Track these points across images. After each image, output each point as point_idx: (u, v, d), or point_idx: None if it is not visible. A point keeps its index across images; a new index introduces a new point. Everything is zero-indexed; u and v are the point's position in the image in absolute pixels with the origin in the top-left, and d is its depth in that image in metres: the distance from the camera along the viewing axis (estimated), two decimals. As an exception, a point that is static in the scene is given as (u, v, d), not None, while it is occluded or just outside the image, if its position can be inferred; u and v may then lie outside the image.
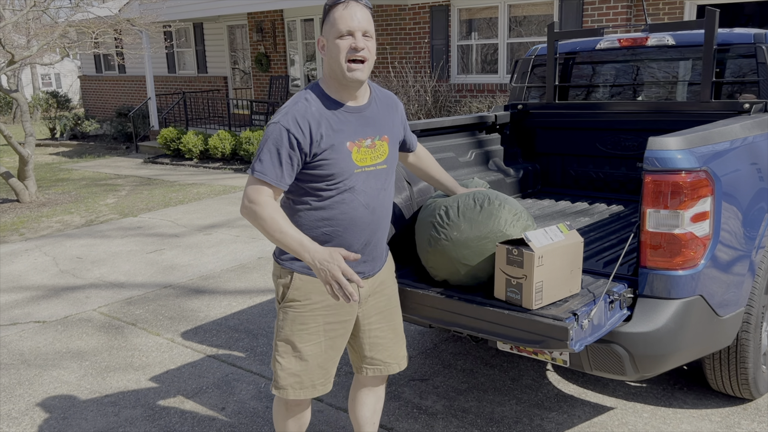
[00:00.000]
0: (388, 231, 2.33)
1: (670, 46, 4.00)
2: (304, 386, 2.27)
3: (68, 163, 13.30)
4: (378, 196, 2.21)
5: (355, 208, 2.16)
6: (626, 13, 9.26)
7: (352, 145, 2.13)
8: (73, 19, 11.48)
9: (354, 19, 2.04)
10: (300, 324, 2.23)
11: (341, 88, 2.14)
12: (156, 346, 4.18)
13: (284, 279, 2.24)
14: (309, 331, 2.23)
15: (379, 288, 2.36)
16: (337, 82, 2.13)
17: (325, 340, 2.26)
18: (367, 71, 2.10)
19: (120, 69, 18.31)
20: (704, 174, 2.48)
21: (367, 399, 2.53)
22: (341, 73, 2.08)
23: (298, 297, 2.22)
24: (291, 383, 2.26)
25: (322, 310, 2.23)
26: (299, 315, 2.22)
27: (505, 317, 2.33)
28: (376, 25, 12.06)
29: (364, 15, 2.07)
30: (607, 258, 2.93)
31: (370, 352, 2.40)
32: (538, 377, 3.54)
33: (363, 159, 2.16)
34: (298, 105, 2.10)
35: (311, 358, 2.25)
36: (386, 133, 2.25)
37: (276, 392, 2.29)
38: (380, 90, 2.31)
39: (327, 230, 2.16)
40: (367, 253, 2.25)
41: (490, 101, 10.07)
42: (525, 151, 4.60)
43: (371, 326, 2.37)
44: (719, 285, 2.62)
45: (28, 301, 5.15)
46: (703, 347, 2.69)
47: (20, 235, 7.42)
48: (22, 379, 3.81)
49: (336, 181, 2.12)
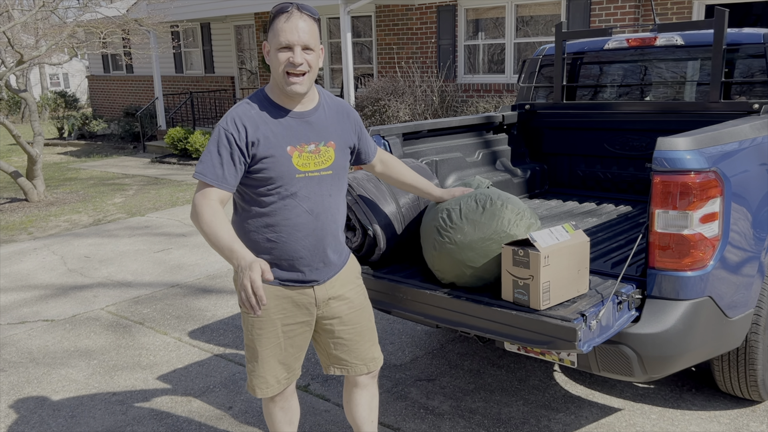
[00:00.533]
0: (340, 237, 2.31)
1: (679, 46, 3.98)
2: (270, 384, 2.33)
3: (76, 163, 13.36)
4: (323, 202, 2.20)
5: (298, 215, 2.16)
6: (634, 13, 9.22)
7: (292, 150, 2.14)
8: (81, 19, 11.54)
9: (294, 32, 2.04)
10: (258, 329, 2.26)
11: (283, 95, 2.16)
12: (163, 345, 4.20)
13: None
14: (267, 335, 2.27)
15: (339, 292, 2.33)
16: (280, 90, 2.15)
17: (285, 340, 2.29)
18: (308, 83, 2.12)
19: (128, 69, 18.38)
20: (713, 174, 2.46)
21: (360, 398, 2.52)
22: (282, 83, 2.11)
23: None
24: (257, 383, 2.33)
25: (279, 313, 2.25)
26: (257, 320, 2.25)
27: (513, 318, 2.33)
28: (384, 25, 12.07)
29: (305, 27, 2.06)
30: (615, 259, 2.92)
31: (335, 351, 2.41)
32: (545, 378, 3.53)
33: (305, 164, 2.16)
34: (238, 108, 2.14)
35: (271, 358, 2.29)
36: (333, 140, 2.23)
37: (249, 390, 2.37)
38: (332, 98, 2.32)
39: (271, 236, 2.18)
40: (317, 260, 2.23)
41: (497, 101, 10.05)
42: (532, 151, 4.59)
43: (333, 328, 2.37)
44: (728, 286, 2.61)
45: (37, 299, 5.18)
46: (711, 349, 2.67)
47: (29, 234, 7.46)
48: (31, 377, 3.83)
49: (276, 185, 2.13)
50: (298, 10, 2.07)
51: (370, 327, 2.45)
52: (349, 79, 10.95)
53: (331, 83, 13.47)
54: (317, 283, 2.28)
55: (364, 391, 2.51)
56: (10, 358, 4.11)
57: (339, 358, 2.42)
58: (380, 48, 12.28)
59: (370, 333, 2.44)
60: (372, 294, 2.79)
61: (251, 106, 2.15)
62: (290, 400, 2.45)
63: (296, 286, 2.25)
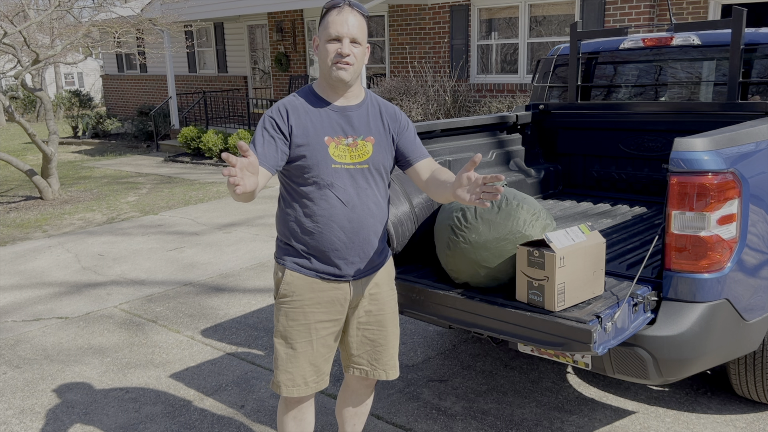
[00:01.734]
0: (377, 233, 2.28)
1: (696, 46, 3.94)
2: (296, 383, 2.30)
3: (90, 161, 13.46)
4: (359, 195, 2.22)
5: (334, 206, 2.20)
6: (649, 13, 9.16)
7: (329, 140, 2.20)
8: (96, 18, 11.62)
9: (344, 25, 2.13)
10: (291, 320, 2.28)
11: (329, 88, 2.23)
12: (176, 344, 4.21)
13: (278, 275, 2.31)
14: (299, 327, 2.28)
15: (372, 291, 2.35)
16: (326, 82, 2.23)
17: (316, 339, 2.29)
18: (353, 73, 2.19)
19: (141, 68, 18.50)
20: (731, 176, 2.44)
21: (350, 400, 2.56)
22: (328, 72, 2.18)
23: (288, 293, 2.27)
24: (284, 380, 2.31)
25: (312, 307, 2.27)
26: (291, 311, 2.28)
27: (528, 319, 2.31)
28: (397, 25, 12.06)
29: (355, 22, 2.14)
30: (631, 260, 2.90)
31: (358, 350, 2.41)
32: (558, 380, 3.51)
33: (341, 156, 2.20)
34: (286, 98, 2.26)
35: (302, 355, 2.29)
36: (372, 135, 2.27)
37: (272, 387, 2.35)
38: (382, 101, 2.36)
39: (309, 225, 2.22)
40: (353, 253, 2.24)
41: (510, 101, 10.01)
42: (546, 151, 4.56)
43: (361, 327, 2.38)
44: (746, 289, 2.58)
45: (51, 297, 5.22)
46: (728, 352, 2.64)
47: (43, 231, 7.53)
48: (45, 374, 3.86)
49: (313, 173, 2.18)
50: (350, 5, 2.16)
51: (396, 334, 2.45)
52: (361, 78, 10.96)
53: (343, 83, 13.47)
54: (353, 279, 2.28)
55: (355, 395, 2.55)
56: (25, 354, 4.14)
57: (360, 357, 2.42)
58: (393, 48, 12.27)
59: (394, 340, 2.44)
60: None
61: (296, 97, 2.25)
62: (306, 412, 2.43)
63: (332, 279, 2.26)
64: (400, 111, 2.37)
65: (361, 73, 2.25)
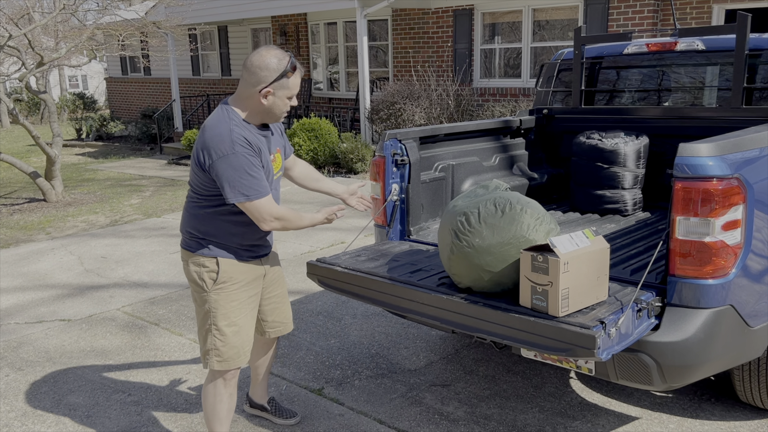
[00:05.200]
0: None
1: (700, 51, 3.94)
2: (240, 354, 2.71)
3: (94, 164, 13.49)
4: (276, 196, 2.72)
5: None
6: (652, 18, 9.16)
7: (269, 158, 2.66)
8: (100, 21, 11.65)
9: (299, 86, 2.60)
10: (233, 300, 2.66)
11: (259, 119, 2.60)
12: (178, 347, 4.21)
13: (210, 266, 2.64)
14: (239, 305, 2.68)
15: (272, 261, 2.87)
16: (260, 116, 2.59)
17: (249, 312, 2.73)
18: None
19: (145, 71, 18.54)
20: (736, 181, 2.43)
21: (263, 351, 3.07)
22: (276, 117, 2.61)
23: (226, 278, 2.63)
24: (232, 355, 2.68)
25: (245, 286, 2.69)
26: (231, 293, 2.65)
27: (531, 324, 2.30)
28: (400, 29, 12.08)
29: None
30: (635, 266, 2.89)
31: (271, 316, 2.92)
32: (561, 385, 3.50)
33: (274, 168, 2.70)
34: (234, 132, 2.48)
35: (244, 328, 2.70)
36: (278, 147, 2.77)
37: (219, 366, 2.67)
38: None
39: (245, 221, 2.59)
40: (270, 239, 2.79)
41: (513, 105, 10.01)
42: (550, 156, 4.56)
43: (270, 294, 2.88)
44: (750, 295, 2.57)
45: (54, 299, 5.22)
46: (732, 358, 2.63)
47: (47, 234, 7.54)
48: (47, 376, 3.86)
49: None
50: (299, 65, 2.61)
51: (286, 294, 3.02)
52: (364, 82, 10.96)
53: (346, 87, 13.50)
54: (266, 257, 2.79)
55: (270, 347, 3.08)
56: (28, 357, 4.14)
57: (275, 321, 2.94)
58: (396, 52, 12.28)
59: (287, 299, 3.02)
60: (386, 298, 2.79)
61: (240, 128, 2.52)
62: (235, 386, 2.81)
63: (254, 260, 2.73)
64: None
65: None
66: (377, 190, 3.42)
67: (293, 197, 8.80)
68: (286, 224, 2.56)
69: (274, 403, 3.26)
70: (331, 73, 13.84)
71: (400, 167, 3.41)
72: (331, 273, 3.00)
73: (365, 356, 3.95)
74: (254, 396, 3.28)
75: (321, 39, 13.75)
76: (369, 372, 3.74)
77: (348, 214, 7.71)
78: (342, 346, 4.12)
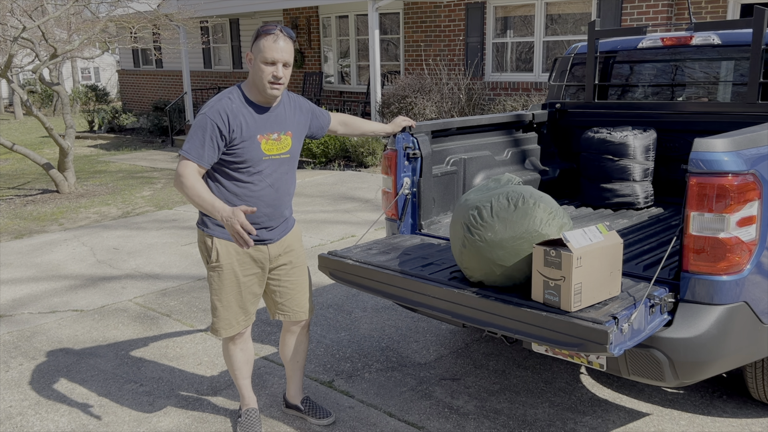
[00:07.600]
0: (289, 206, 2.89)
1: (715, 46, 3.90)
2: (231, 325, 2.87)
3: (106, 156, 13.56)
4: (282, 179, 2.78)
5: (263, 188, 2.72)
6: (667, 12, 9.07)
7: (261, 138, 2.68)
8: (113, 14, 11.69)
9: (279, 51, 2.56)
10: (225, 278, 2.80)
11: (260, 96, 2.66)
12: (190, 338, 4.24)
13: (207, 243, 2.78)
14: (230, 284, 2.80)
15: (286, 250, 2.91)
16: (257, 91, 2.65)
17: (243, 290, 2.84)
18: (283, 90, 2.68)
19: (157, 64, 18.60)
20: (752, 177, 2.41)
21: (287, 340, 3.10)
22: (262, 89, 2.62)
23: (218, 258, 2.77)
24: (222, 326, 2.87)
25: (240, 266, 2.80)
26: (223, 272, 2.79)
27: (543, 319, 2.30)
28: (412, 22, 12.04)
29: (287, 47, 2.59)
30: (648, 261, 2.87)
31: (280, 299, 2.98)
32: (571, 380, 3.49)
33: (270, 149, 2.71)
34: (222, 101, 2.62)
35: (233, 303, 2.84)
36: (291, 129, 2.79)
37: (214, 333, 2.89)
38: (291, 95, 2.87)
39: (239, 204, 2.65)
40: (274, 221, 2.81)
41: (525, 100, 9.96)
42: (562, 150, 4.54)
43: (280, 279, 2.94)
44: (765, 291, 2.55)
45: (67, 289, 5.27)
46: (745, 355, 2.61)
47: (59, 225, 7.60)
48: (61, 366, 3.89)
49: (247, 165, 2.67)
50: (282, 32, 2.58)
51: (308, 283, 3.04)
52: (376, 76, 10.94)
53: (357, 80, 13.48)
54: (271, 242, 2.84)
55: (291, 335, 3.09)
56: (41, 346, 4.19)
57: (283, 305, 2.99)
58: (407, 45, 12.25)
59: (307, 288, 3.03)
60: (398, 291, 2.79)
61: (231, 101, 2.63)
62: (248, 342, 3.00)
63: (256, 244, 2.79)
64: (303, 99, 2.92)
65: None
66: (389, 184, 3.42)
67: (304, 191, 8.82)
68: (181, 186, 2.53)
69: (308, 402, 3.21)
70: (342, 67, 13.82)
71: (412, 161, 3.40)
72: (342, 266, 3.01)
73: (375, 349, 3.96)
74: (288, 396, 3.25)
75: (332, 32, 13.73)
76: (379, 365, 3.75)
77: (358, 209, 7.71)
78: (352, 339, 4.13)
